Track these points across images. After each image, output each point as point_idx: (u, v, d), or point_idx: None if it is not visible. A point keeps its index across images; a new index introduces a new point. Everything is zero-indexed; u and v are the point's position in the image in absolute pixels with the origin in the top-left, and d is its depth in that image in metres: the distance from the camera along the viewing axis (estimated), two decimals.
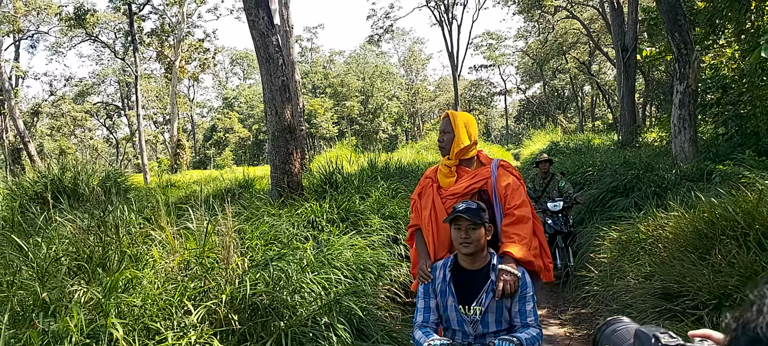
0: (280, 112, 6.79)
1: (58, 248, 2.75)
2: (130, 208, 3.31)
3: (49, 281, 2.41)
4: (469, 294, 2.24)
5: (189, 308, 2.52)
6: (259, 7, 6.68)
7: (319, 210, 5.02)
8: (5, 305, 2.32)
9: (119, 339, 1.97)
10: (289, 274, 2.97)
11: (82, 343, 1.93)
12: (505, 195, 2.46)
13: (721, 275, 2.92)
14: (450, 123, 2.58)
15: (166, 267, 2.79)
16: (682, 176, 6.53)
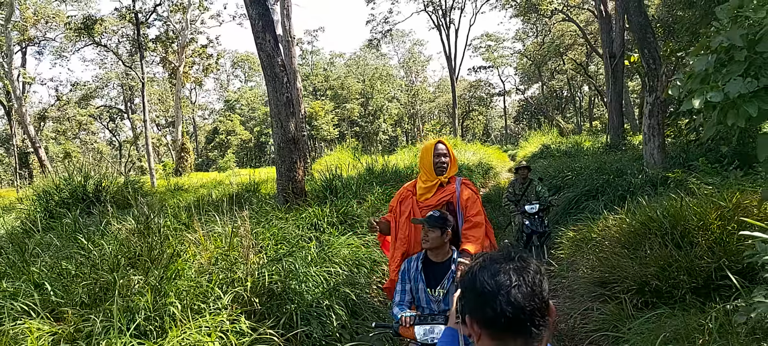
0: (285, 125, 7.54)
1: (114, 246, 3.49)
2: (166, 214, 4.04)
3: (114, 272, 3.15)
4: (435, 280, 2.99)
5: (219, 294, 3.26)
6: (266, 31, 7.43)
7: (321, 214, 5.77)
8: (81, 288, 3.08)
9: (177, 314, 2.71)
10: (297, 267, 3.72)
11: (151, 316, 2.66)
12: (466, 206, 3.20)
13: (643, 267, 3.65)
14: (446, 149, 3.33)
15: (199, 261, 3.53)
16: (647, 181, 7.27)
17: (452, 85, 38.93)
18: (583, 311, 3.76)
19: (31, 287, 3.26)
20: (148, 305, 2.72)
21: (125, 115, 55.81)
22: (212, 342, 2.55)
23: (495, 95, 63.08)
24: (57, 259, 3.85)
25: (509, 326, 1.03)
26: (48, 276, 3.39)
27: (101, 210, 7.78)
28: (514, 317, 1.03)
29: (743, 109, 2.68)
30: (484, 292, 1.06)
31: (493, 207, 10.66)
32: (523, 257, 1.13)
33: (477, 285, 1.10)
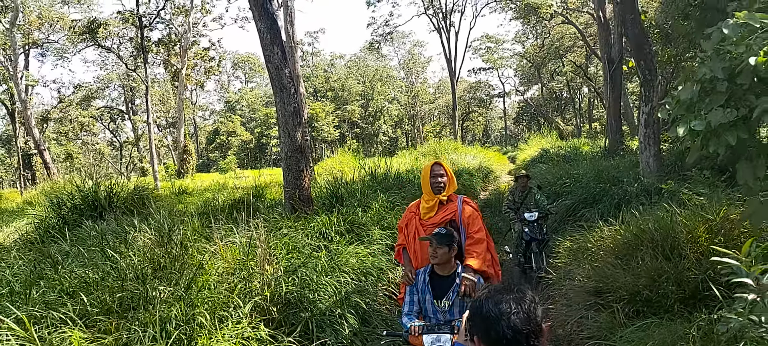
0: (293, 134, 7.79)
1: (140, 256, 3.73)
2: (186, 224, 4.29)
3: (137, 282, 3.40)
4: (441, 292, 3.24)
5: (239, 303, 3.51)
6: (274, 44, 7.68)
7: (329, 223, 6.02)
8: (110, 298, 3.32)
9: (205, 323, 2.96)
10: (310, 277, 3.96)
11: (181, 325, 2.91)
12: (468, 223, 3.45)
13: (635, 278, 3.90)
14: (443, 169, 3.58)
15: (218, 271, 3.77)
16: (642, 191, 7.51)
17: (452, 88, 39.19)
18: (578, 319, 4.01)
19: (63, 296, 3.50)
20: (179, 315, 2.96)
21: (126, 116, 56.04)
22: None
23: (495, 96, 63.25)
24: (83, 268, 4.09)
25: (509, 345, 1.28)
26: (77, 285, 3.63)
27: (116, 217, 8.04)
28: (513, 338, 1.28)
29: (723, 138, 2.93)
30: (489, 317, 1.32)
31: (493, 212, 10.91)
32: (521, 289, 1.39)
33: (483, 312, 1.35)
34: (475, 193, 14.63)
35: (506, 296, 1.34)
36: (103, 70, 53.54)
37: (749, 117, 2.93)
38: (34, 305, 3.30)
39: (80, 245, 5.34)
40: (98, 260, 4.03)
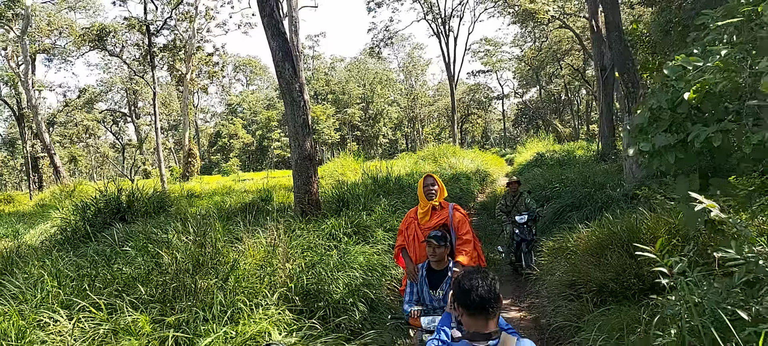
0: (302, 144, 8.47)
1: (181, 254, 4.40)
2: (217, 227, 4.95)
3: (184, 276, 4.07)
4: (436, 283, 3.91)
5: (266, 293, 4.18)
6: (285, 60, 8.36)
7: (337, 225, 6.71)
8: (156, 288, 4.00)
9: (244, 309, 3.62)
10: (325, 272, 4.64)
11: (224, 310, 3.57)
12: (458, 226, 4.13)
13: (603, 272, 4.58)
14: (434, 179, 4.27)
15: (248, 267, 4.44)
16: (624, 195, 8.19)
17: (451, 92, 39.88)
18: (556, 307, 4.68)
19: (118, 288, 4.17)
20: (224, 301, 3.63)
21: (129, 119, 56.72)
22: (271, 329, 3.45)
23: (494, 99, 63.91)
24: (129, 265, 4.77)
25: (477, 308, 1.95)
26: (128, 279, 4.31)
27: (136, 219, 8.71)
28: (479, 303, 1.95)
29: (665, 157, 3.62)
30: (465, 289, 1.99)
31: (489, 214, 11.58)
32: (485, 271, 2.07)
33: (461, 286, 2.03)
34: (473, 196, 15.31)
35: (475, 275, 2.02)
36: (106, 73, 54.25)
37: (686, 140, 3.62)
38: (96, 295, 3.97)
39: (117, 246, 6.02)
40: (142, 258, 4.70)
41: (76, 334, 3.41)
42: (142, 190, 9.98)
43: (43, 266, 4.74)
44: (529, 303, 6.37)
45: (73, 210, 9.65)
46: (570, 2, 38.05)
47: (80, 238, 8.55)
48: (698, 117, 3.65)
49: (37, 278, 4.53)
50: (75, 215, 9.48)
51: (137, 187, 9.98)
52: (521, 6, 36.98)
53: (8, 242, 9.52)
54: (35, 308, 3.76)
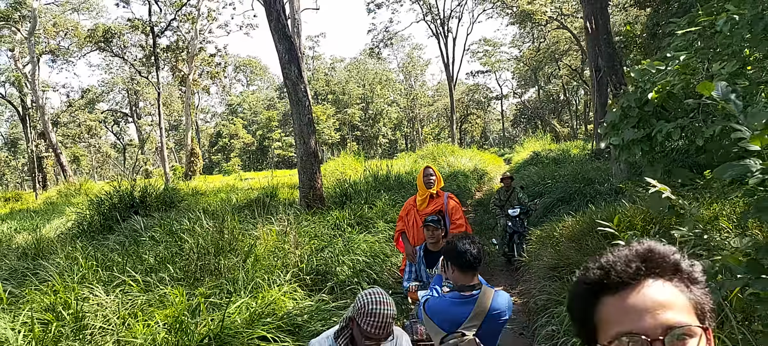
0: (307, 141, 8.96)
1: (204, 239, 4.90)
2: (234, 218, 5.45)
3: (208, 257, 4.57)
4: (432, 262, 4.40)
5: (280, 273, 4.67)
6: (291, 63, 8.85)
7: (341, 217, 7.20)
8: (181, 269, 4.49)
9: (262, 284, 4.10)
10: (332, 256, 5.13)
11: (245, 286, 4.06)
12: (452, 213, 4.63)
13: (583, 256, 5.07)
14: (433, 171, 4.76)
15: (263, 250, 4.93)
16: (610, 190, 8.69)
17: (450, 92, 40.38)
18: (540, 288, 5.17)
19: (147, 267, 4.66)
20: (244, 278, 4.12)
21: (129, 119, 57.19)
22: (286, 300, 3.94)
23: (493, 99, 64.38)
24: (152, 250, 5.26)
25: (468, 266, 2.44)
26: (158, 260, 4.80)
27: (150, 213, 9.19)
28: (471, 262, 2.44)
29: (633, 150, 4.12)
30: (460, 251, 2.49)
31: (485, 210, 12.07)
32: (473, 238, 2.56)
33: (457, 249, 2.52)
34: (471, 194, 15.80)
35: (466, 240, 2.51)
36: (107, 73, 54.66)
37: (651, 135, 4.11)
38: (126, 274, 4.46)
39: (143, 233, 6.52)
40: (166, 243, 5.19)
41: (115, 306, 3.90)
42: (154, 186, 10.45)
43: (76, 250, 5.22)
44: (519, 290, 6.86)
45: (88, 205, 10.13)
46: (567, 3, 38.52)
47: (96, 230, 9.04)
48: (662, 115, 4.15)
49: (72, 261, 5.01)
50: (90, 210, 9.96)
51: (149, 183, 10.46)
52: (519, 7, 37.51)
53: (27, 235, 10.00)
54: (77, 284, 4.24)
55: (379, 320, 1.90)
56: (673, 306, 0.78)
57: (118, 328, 3.06)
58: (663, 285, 0.81)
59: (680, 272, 0.83)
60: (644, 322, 0.77)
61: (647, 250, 0.83)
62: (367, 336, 1.94)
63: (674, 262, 0.83)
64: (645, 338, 0.76)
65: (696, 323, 0.78)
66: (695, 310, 0.81)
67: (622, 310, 0.80)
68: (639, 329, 0.77)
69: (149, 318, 3.26)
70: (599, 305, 0.83)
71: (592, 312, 0.84)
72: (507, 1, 37.99)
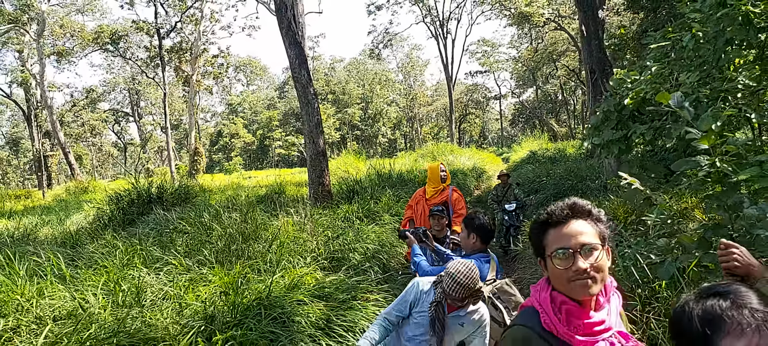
0: (316, 141, 9.55)
1: (232, 228, 5.47)
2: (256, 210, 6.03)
3: (237, 243, 5.16)
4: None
5: (300, 257, 5.25)
6: (302, 67, 9.43)
7: (350, 211, 7.79)
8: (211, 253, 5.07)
9: (288, 266, 4.67)
10: (346, 244, 5.72)
11: (273, 266, 4.63)
12: (455, 204, 5.22)
13: None
14: (445, 167, 5.36)
15: (283, 236, 5.52)
16: (600, 186, 9.29)
17: (449, 92, 40.96)
18: (532, 272, 5.77)
19: (180, 251, 5.24)
20: (272, 260, 4.70)
21: (131, 118, 57.69)
22: (310, 278, 4.53)
23: (491, 99, 64.95)
24: (183, 237, 5.84)
25: (489, 238, 3.08)
26: (190, 245, 5.38)
27: (167, 208, 9.75)
28: (491, 234, 3.07)
29: (611, 149, 4.72)
30: (484, 226, 3.11)
31: (483, 206, 12.69)
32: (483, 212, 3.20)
33: (480, 220, 3.14)
34: (470, 191, 16.40)
35: (482, 214, 3.14)
36: (109, 73, 55.13)
37: (627, 136, 4.72)
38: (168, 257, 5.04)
39: (162, 226, 7.10)
40: (194, 232, 5.78)
41: (159, 285, 4.48)
42: (170, 183, 11.02)
43: (115, 238, 5.80)
44: (514, 278, 7.46)
45: (107, 201, 10.69)
46: (565, 5, 39.08)
47: (118, 224, 9.60)
48: (637, 118, 4.74)
49: (111, 247, 5.60)
50: (110, 205, 10.52)
51: (165, 179, 11.02)
52: (517, 9, 38.12)
53: (50, 228, 10.57)
54: (122, 267, 4.82)
55: (456, 285, 2.49)
56: (585, 233, 1.38)
57: (178, 296, 3.63)
58: (581, 222, 1.41)
59: (591, 215, 1.43)
60: (569, 242, 1.37)
61: (572, 203, 1.43)
62: (446, 294, 2.52)
63: (588, 209, 1.43)
64: (569, 250, 1.36)
65: (599, 243, 1.38)
66: (599, 236, 1.40)
67: (558, 236, 1.40)
68: (566, 245, 1.37)
69: (197, 292, 3.84)
70: (546, 234, 1.44)
71: (542, 238, 1.44)
72: (505, 3, 38.59)
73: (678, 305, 1.12)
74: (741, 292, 0.99)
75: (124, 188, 10.86)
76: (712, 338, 0.98)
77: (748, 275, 1.73)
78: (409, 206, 5.34)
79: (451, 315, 2.59)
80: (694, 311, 1.03)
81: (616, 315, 1.43)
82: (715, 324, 0.99)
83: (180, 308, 3.39)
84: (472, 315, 2.61)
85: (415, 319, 2.66)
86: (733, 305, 0.99)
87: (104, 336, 2.84)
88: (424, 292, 2.66)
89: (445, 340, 2.59)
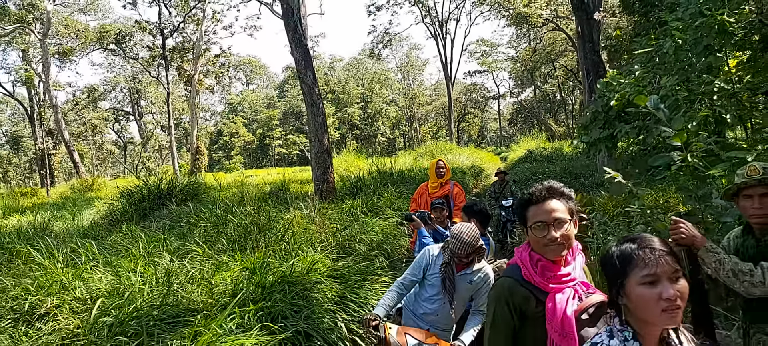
0: (321, 139, 9.95)
1: (248, 220, 5.88)
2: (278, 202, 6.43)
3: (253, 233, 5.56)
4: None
5: (311, 247, 5.66)
6: (307, 69, 9.83)
7: (355, 206, 8.20)
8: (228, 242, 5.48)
9: (301, 254, 5.07)
10: (352, 235, 6.13)
11: (288, 254, 5.03)
12: (455, 197, 5.63)
13: None
14: (443, 163, 5.77)
15: (295, 227, 5.93)
16: (594, 183, 9.71)
17: (448, 92, 41.37)
18: None
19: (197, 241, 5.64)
20: (286, 248, 5.10)
21: (131, 117, 58.02)
22: (322, 262, 4.93)
23: (490, 98, 65.32)
24: (199, 229, 6.24)
25: (487, 222, 3.49)
26: (209, 235, 5.79)
27: (179, 204, 10.14)
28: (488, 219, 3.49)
29: (599, 147, 5.14)
30: (483, 212, 3.54)
31: None
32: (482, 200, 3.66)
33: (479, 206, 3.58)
34: (468, 189, 16.83)
35: (480, 202, 3.55)
36: (109, 72, 55.43)
37: (614, 135, 5.13)
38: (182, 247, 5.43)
39: (177, 220, 7.49)
40: (208, 224, 6.18)
41: (186, 269, 4.87)
42: (179, 180, 11.41)
43: (135, 230, 6.20)
44: None
45: (119, 197, 11.08)
46: (563, 6, 39.47)
47: (130, 219, 9.99)
48: (623, 118, 5.16)
49: (132, 238, 5.99)
50: (121, 201, 10.91)
51: (176, 176, 11.40)
52: (516, 10, 38.53)
53: (62, 223, 10.94)
54: (147, 255, 5.22)
55: (460, 243, 2.90)
56: (558, 210, 1.79)
57: (204, 278, 4.03)
58: (555, 201, 1.82)
59: (563, 195, 1.84)
60: (545, 216, 1.79)
61: (549, 186, 1.85)
62: (452, 252, 2.95)
63: (561, 191, 1.84)
64: (545, 223, 1.77)
65: (568, 217, 1.79)
66: (569, 212, 1.81)
67: (537, 211, 1.82)
68: (543, 219, 1.78)
69: (221, 275, 4.25)
70: (528, 209, 1.85)
71: (525, 212, 1.85)
72: (504, 3, 38.99)
73: (605, 250, 1.54)
74: (646, 238, 1.40)
75: (135, 185, 11.26)
76: (626, 270, 1.37)
77: (692, 245, 2.16)
78: (414, 199, 5.75)
79: (459, 274, 3.01)
80: (615, 253, 1.43)
81: (580, 270, 1.85)
82: (627, 260, 1.38)
83: (210, 286, 3.79)
84: (478, 273, 3.03)
85: (429, 281, 3.08)
86: (640, 246, 1.38)
87: (148, 308, 3.24)
88: (435, 256, 3.08)
89: (456, 296, 3.01)
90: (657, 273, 1.32)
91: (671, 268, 1.33)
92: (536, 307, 1.80)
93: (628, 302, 1.38)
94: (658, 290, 1.31)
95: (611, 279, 1.42)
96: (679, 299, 1.30)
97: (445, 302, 3.01)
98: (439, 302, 3.04)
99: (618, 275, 1.39)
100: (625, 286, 1.37)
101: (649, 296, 1.32)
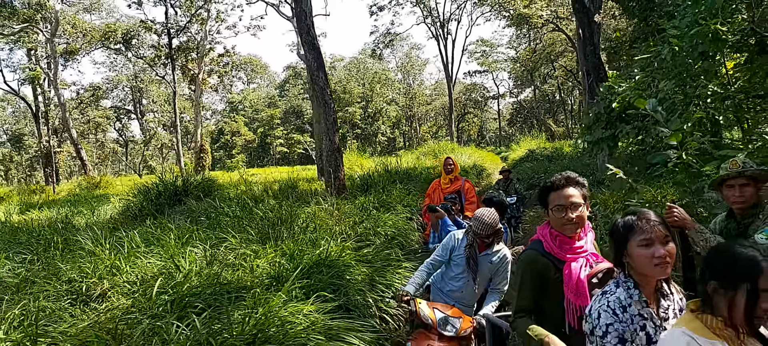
0: (332, 138, 10.34)
1: (271, 214, 6.26)
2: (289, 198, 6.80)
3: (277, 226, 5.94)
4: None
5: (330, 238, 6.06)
6: (319, 70, 10.22)
7: (367, 201, 8.60)
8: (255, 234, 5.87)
9: (323, 243, 5.47)
10: (367, 229, 6.54)
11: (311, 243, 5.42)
12: (466, 192, 6.04)
13: None
14: (452, 160, 6.17)
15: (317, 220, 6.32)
16: (595, 182, 10.11)
17: (449, 92, 41.77)
18: None
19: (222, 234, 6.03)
20: (311, 238, 5.50)
21: (133, 115, 58.33)
22: (340, 252, 5.32)
23: (490, 98, 65.70)
24: (222, 222, 6.63)
25: (504, 212, 3.90)
26: (233, 226, 6.18)
27: (197, 200, 10.52)
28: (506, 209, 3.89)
29: (601, 146, 5.54)
30: (502, 203, 3.93)
31: None
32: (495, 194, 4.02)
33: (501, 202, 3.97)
34: None
35: (498, 194, 3.94)
36: (111, 71, 55.73)
37: (615, 135, 5.53)
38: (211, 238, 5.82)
39: (197, 215, 7.88)
40: (231, 218, 6.59)
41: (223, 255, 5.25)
42: (194, 177, 11.79)
43: (164, 222, 6.59)
44: None
45: (135, 193, 11.46)
46: (563, 6, 39.87)
47: (148, 214, 10.36)
48: (624, 119, 5.56)
49: (162, 231, 6.38)
50: (138, 197, 11.29)
51: (189, 173, 11.78)
52: (516, 10, 38.94)
53: (83, 218, 11.32)
54: (181, 245, 5.60)
55: (482, 225, 3.30)
56: (574, 196, 2.20)
57: (243, 262, 4.43)
58: (571, 189, 2.22)
59: (579, 183, 2.24)
60: (564, 201, 2.19)
61: (567, 175, 2.25)
62: (475, 233, 3.33)
63: (577, 179, 2.24)
64: (563, 206, 2.17)
65: (582, 202, 2.20)
66: (582, 197, 2.22)
67: (557, 196, 2.22)
68: (562, 203, 2.19)
69: (257, 261, 4.64)
70: (549, 196, 2.25)
71: (547, 197, 2.26)
72: (504, 4, 39.38)
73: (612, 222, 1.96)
74: (645, 212, 1.81)
75: (151, 182, 11.64)
76: (628, 236, 1.79)
77: (684, 227, 2.57)
78: (428, 194, 6.15)
79: (482, 255, 3.42)
80: (619, 223, 1.86)
81: (591, 243, 2.26)
82: (629, 228, 1.80)
83: (250, 269, 4.18)
84: (497, 253, 3.44)
85: (454, 261, 3.49)
86: (638, 218, 1.80)
87: (204, 285, 3.63)
88: (460, 239, 3.49)
89: (479, 274, 3.42)
90: (651, 238, 1.74)
91: (662, 233, 1.75)
92: (555, 273, 2.21)
93: (630, 260, 1.80)
94: (652, 250, 1.74)
95: (617, 243, 1.84)
96: (668, 257, 1.72)
97: (468, 279, 3.42)
98: (464, 280, 3.44)
99: (622, 240, 1.81)
100: (628, 248, 1.80)
101: (645, 255, 1.74)
